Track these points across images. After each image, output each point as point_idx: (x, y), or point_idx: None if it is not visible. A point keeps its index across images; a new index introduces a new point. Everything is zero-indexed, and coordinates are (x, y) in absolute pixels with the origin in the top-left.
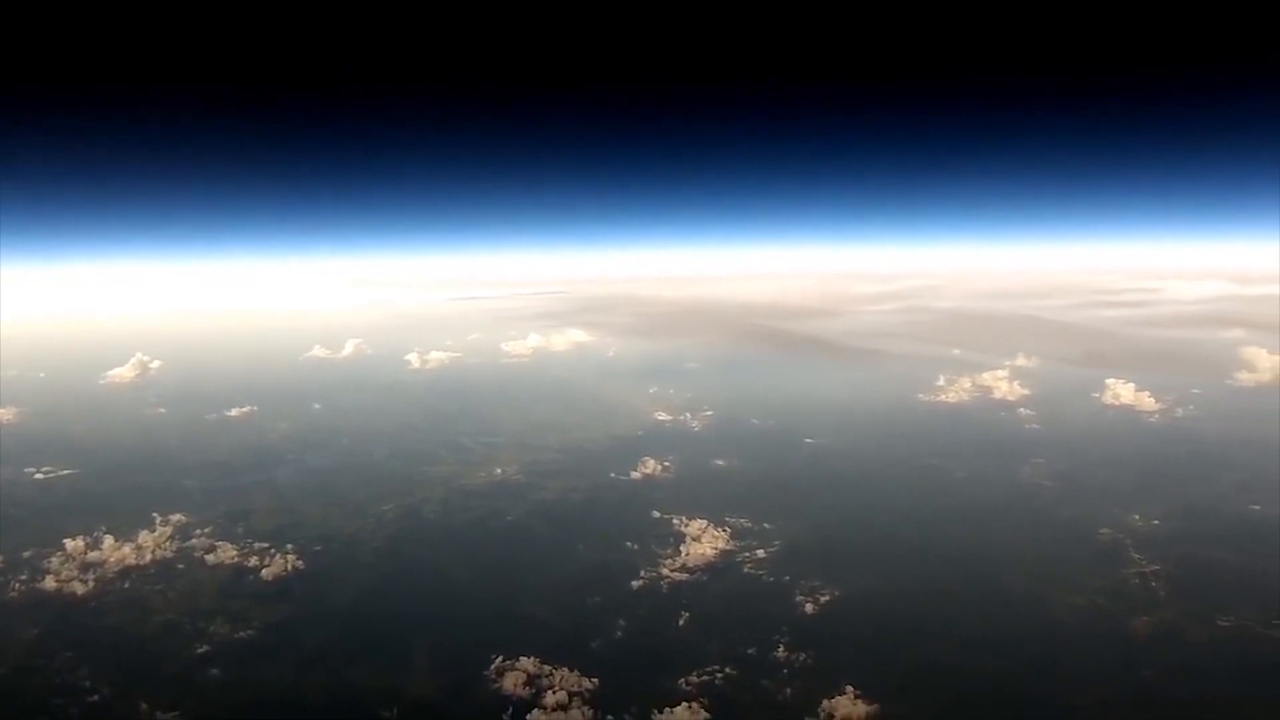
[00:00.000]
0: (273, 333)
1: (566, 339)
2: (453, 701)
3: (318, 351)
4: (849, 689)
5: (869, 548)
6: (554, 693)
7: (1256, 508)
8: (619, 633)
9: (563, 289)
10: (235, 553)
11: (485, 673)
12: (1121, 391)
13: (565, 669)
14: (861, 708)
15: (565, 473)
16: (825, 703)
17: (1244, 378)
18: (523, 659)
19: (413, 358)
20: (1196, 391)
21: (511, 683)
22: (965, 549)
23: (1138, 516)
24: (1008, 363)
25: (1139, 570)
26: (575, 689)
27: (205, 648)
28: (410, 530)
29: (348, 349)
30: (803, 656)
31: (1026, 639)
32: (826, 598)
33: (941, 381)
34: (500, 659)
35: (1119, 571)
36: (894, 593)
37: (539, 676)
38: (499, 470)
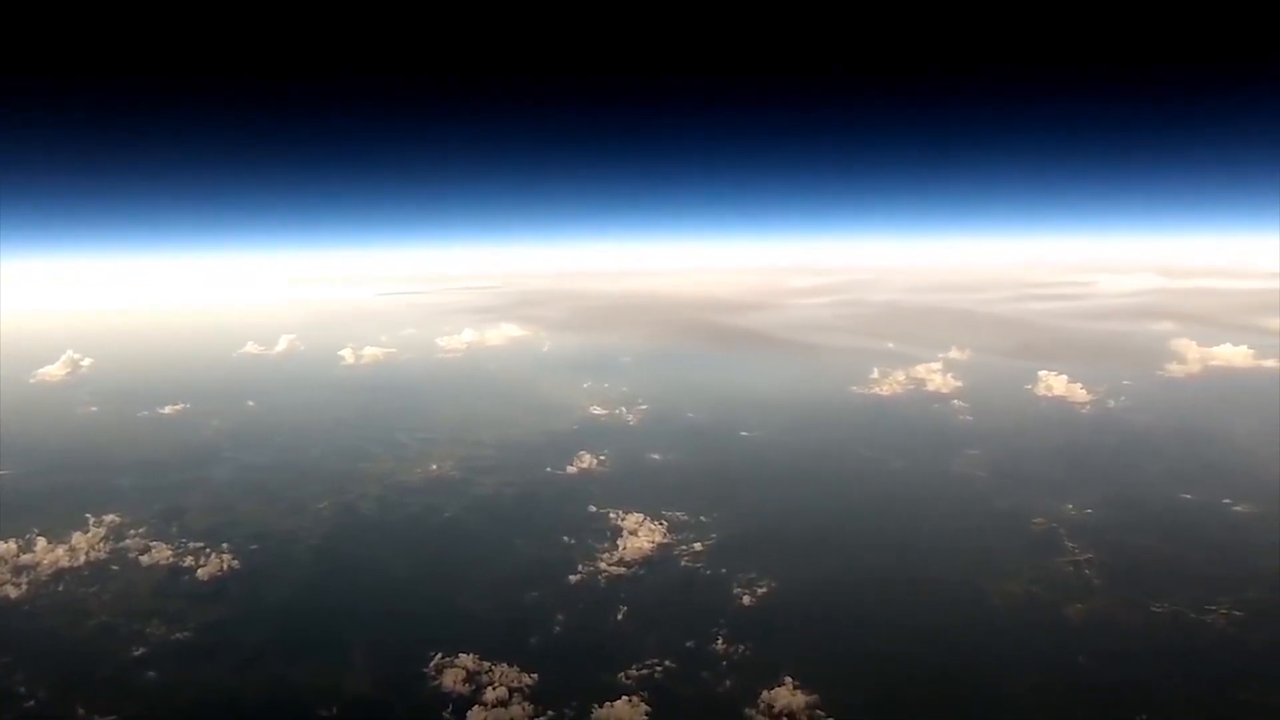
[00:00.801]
0: (205, 329)
1: (501, 334)
2: (392, 699)
3: (251, 348)
4: (788, 680)
5: (805, 539)
6: (494, 689)
7: (1187, 496)
8: (558, 628)
9: (496, 283)
10: (170, 553)
11: (425, 670)
12: (1054, 383)
13: (505, 665)
14: (801, 698)
15: (501, 468)
16: (765, 694)
17: (1174, 369)
18: (462, 655)
19: (347, 354)
20: (1127, 383)
21: (451, 679)
22: (901, 539)
23: (1071, 506)
24: (941, 355)
25: (1073, 558)
26: (515, 685)
27: (142, 650)
28: (347, 527)
29: (281, 345)
30: (741, 648)
31: (963, 627)
32: (764, 589)
33: (876, 374)
34: (439, 656)
35: (1053, 560)
36: (831, 584)
37: (478, 673)
38: (435, 466)
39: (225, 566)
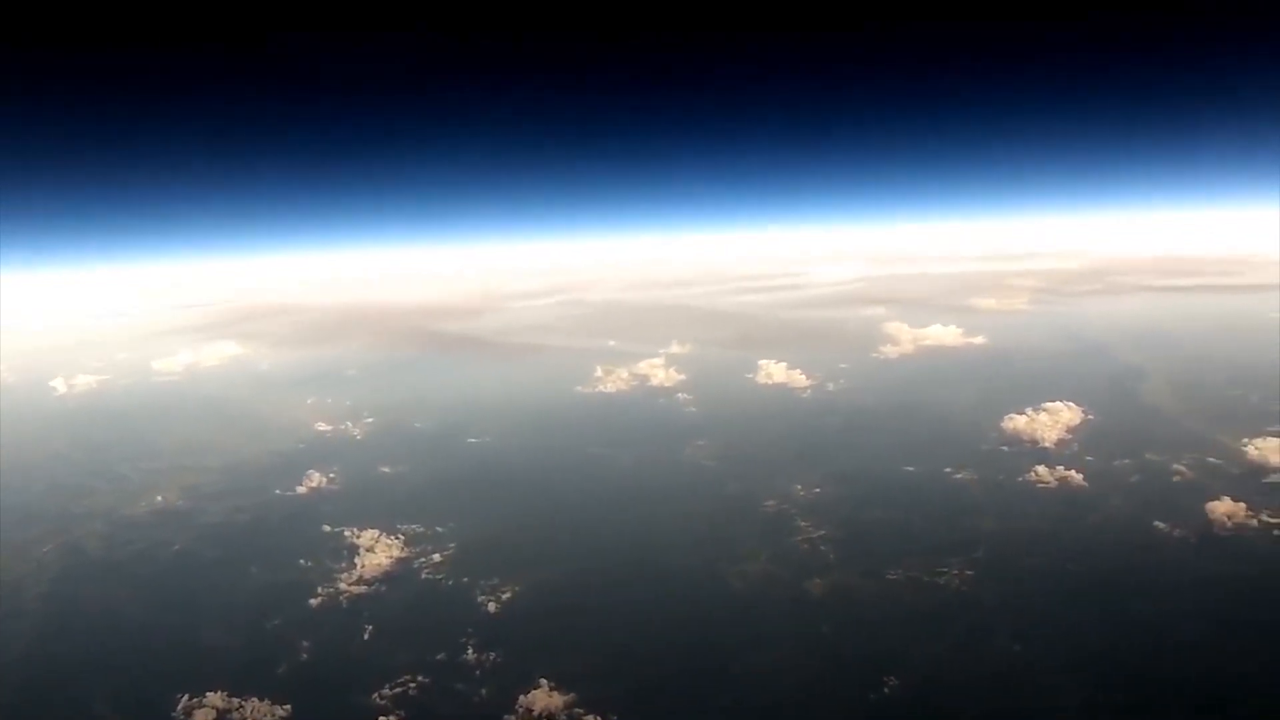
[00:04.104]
0: None
1: (219, 353)
2: None
3: None
4: (543, 682)
5: (544, 541)
6: None
7: (910, 468)
8: (304, 654)
9: (210, 300)
10: None
11: (173, 714)
12: (774, 371)
13: (255, 699)
14: (558, 698)
15: (229, 493)
16: (522, 698)
17: (887, 350)
18: (210, 694)
19: (58, 383)
20: (844, 366)
21: None
22: (638, 532)
23: (800, 486)
24: (662, 350)
25: (807, 536)
26: (268, 719)
27: None
28: (74, 570)
29: None
30: (493, 655)
31: (707, 611)
32: (508, 595)
33: (599, 372)
34: (186, 698)
35: (788, 539)
36: (574, 583)
37: (229, 711)
38: (160, 497)
39: None
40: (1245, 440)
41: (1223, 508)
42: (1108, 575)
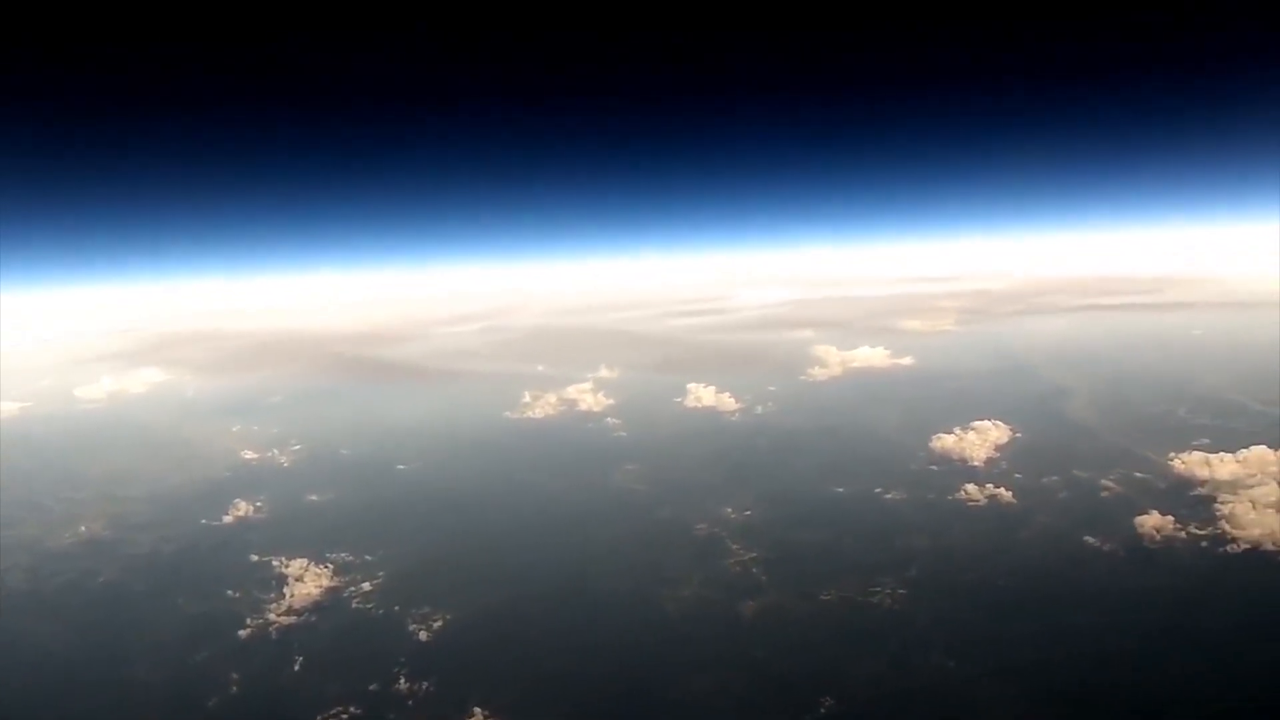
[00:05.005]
0: None
1: (143, 380)
2: None
3: None
4: (477, 711)
5: (475, 568)
6: None
7: (840, 489)
8: (234, 687)
9: (133, 326)
10: None
11: None
12: (703, 394)
13: None
14: None
15: (155, 524)
16: None
17: (816, 373)
18: None
19: None
20: (773, 389)
21: None
22: (570, 557)
23: (730, 509)
24: (591, 375)
25: (739, 559)
26: None
27: None
28: None
29: None
30: (425, 685)
31: (641, 637)
32: (439, 623)
33: (528, 398)
34: None
35: (720, 563)
36: (505, 610)
37: None
38: (84, 528)
39: None
40: (1171, 454)
41: (1151, 521)
42: (1039, 590)
